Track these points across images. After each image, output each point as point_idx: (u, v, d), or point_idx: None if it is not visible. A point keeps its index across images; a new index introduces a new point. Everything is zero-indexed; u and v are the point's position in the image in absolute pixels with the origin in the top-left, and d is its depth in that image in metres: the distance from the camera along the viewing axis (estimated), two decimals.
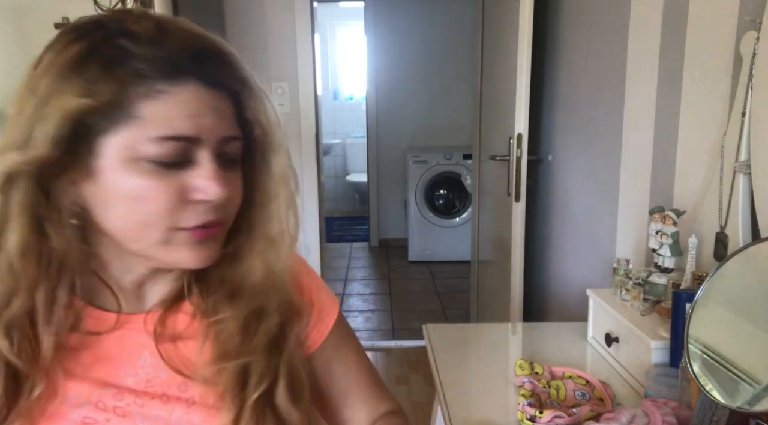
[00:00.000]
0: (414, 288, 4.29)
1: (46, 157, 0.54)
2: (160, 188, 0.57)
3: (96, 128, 0.56)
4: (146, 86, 0.56)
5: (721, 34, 1.29)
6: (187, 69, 0.57)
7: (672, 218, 1.27)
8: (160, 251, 0.60)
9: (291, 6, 2.81)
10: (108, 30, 0.57)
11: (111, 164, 0.56)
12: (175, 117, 0.56)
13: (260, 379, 0.64)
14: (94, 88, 0.54)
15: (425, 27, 4.82)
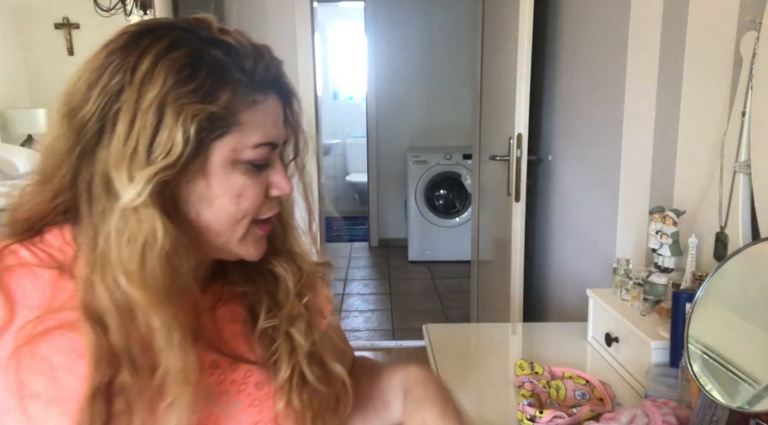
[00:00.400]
0: (414, 288, 4.29)
1: (180, 160, 0.57)
2: (255, 186, 0.64)
3: (210, 132, 0.59)
4: (247, 96, 0.61)
5: (721, 34, 1.29)
6: (272, 82, 0.64)
7: (672, 218, 1.27)
8: (236, 244, 0.66)
9: (291, 6, 2.81)
10: (201, 38, 0.60)
11: (219, 165, 0.61)
12: (266, 125, 0.63)
13: (305, 336, 0.71)
14: (212, 95, 0.58)
15: (425, 27, 4.82)
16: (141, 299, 0.57)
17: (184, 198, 0.61)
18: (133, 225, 0.57)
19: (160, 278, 0.58)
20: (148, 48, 0.58)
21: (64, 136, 0.60)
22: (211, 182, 0.61)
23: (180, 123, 0.57)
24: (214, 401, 0.67)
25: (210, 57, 0.59)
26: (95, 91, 0.58)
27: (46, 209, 0.63)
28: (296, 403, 0.69)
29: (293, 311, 0.71)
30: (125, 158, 0.56)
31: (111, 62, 0.59)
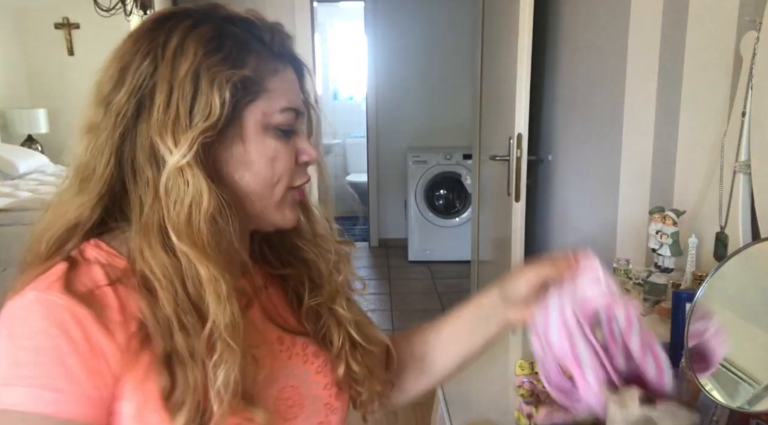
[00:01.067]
0: (414, 288, 4.29)
1: (218, 121, 0.60)
2: (287, 150, 0.67)
3: (242, 97, 0.63)
4: (269, 63, 0.65)
5: (721, 34, 1.29)
6: (287, 53, 0.68)
7: (672, 218, 1.27)
8: (275, 209, 0.69)
9: (291, 6, 2.81)
10: (221, 16, 0.65)
11: (253, 129, 0.65)
12: (289, 91, 0.67)
13: (348, 309, 0.76)
14: (240, 62, 0.62)
15: (425, 27, 4.82)
16: (190, 252, 0.59)
17: (225, 163, 0.64)
18: (180, 187, 0.60)
19: (207, 238, 0.60)
20: (174, 28, 0.62)
21: (102, 123, 0.62)
22: (247, 147, 0.65)
23: (215, 88, 0.60)
24: (289, 372, 0.71)
25: (231, 31, 0.64)
26: (129, 74, 0.61)
27: (85, 215, 0.63)
28: (354, 366, 0.75)
29: (332, 290, 0.76)
30: (168, 125, 0.60)
31: (140, 46, 0.62)
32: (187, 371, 0.58)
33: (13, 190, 3.69)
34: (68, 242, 0.63)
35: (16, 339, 0.55)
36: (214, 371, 0.58)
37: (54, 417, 0.54)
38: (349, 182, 6.14)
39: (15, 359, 0.55)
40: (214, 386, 0.57)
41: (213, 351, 0.58)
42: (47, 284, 0.58)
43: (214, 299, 0.59)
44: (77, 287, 0.58)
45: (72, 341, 0.55)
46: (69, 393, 0.55)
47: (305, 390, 0.72)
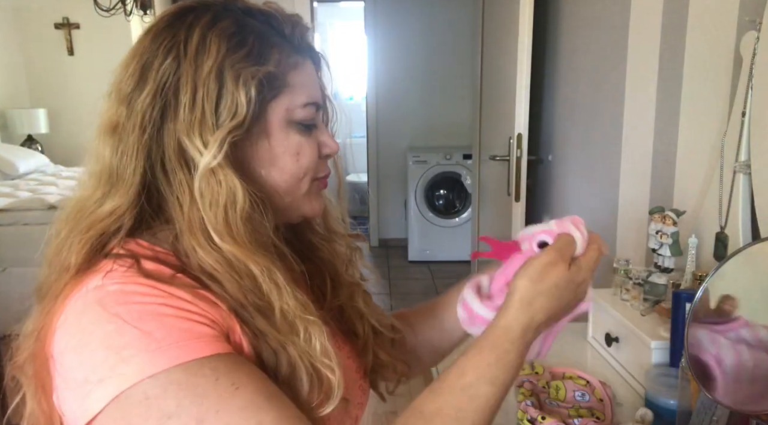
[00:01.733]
0: (414, 288, 4.29)
1: (245, 119, 0.60)
2: (310, 144, 0.67)
3: (266, 93, 0.62)
4: (290, 57, 0.65)
5: (721, 34, 1.29)
6: (306, 46, 0.68)
7: (672, 218, 1.27)
8: (303, 201, 0.69)
9: (291, 6, 2.81)
10: (240, 9, 0.64)
11: (277, 125, 0.64)
12: (310, 86, 0.67)
13: (365, 296, 0.80)
14: (263, 57, 0.62)
15: (425, 27, 4.82)
16: (235, 251, 0.59)
17: (252, 160, 0.64)
18: (214, 188, 0.59)
19: (247, 235, 0.60)
20: (194, 23, 0.61)
21: (128, 124, 0.61)
22: (272, 143, 0.65)
23: (241, 85, 0.60)
24: None
25: (252, 25, 0.63)
26: (151, 72, 0.60)
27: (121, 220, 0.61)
28: (380, 354, 0.78)
29: (350, 288, 0.78)
30: (195, 125, 0.59)
31: (161, 43, 0.61)
32: (285, 348, 0.59)
33: (13, 190, 3.69)
34: (106, 247, 0.61)
35: (125, 319, 0.53)
36: (308, 345, 0.59)
37: (210, 356, 0.53)
38: (349, 182, 6.14)
39: (140, 331, 0.52)
40: (317, 358, 0.59)
41: (296, 330, 0.60)
42: (122, 274, 0.56)
43: (272, 287, 0.59)
44: (156, 275, 0.57)
45: (178, 306, 0.55)
46: (207, 336, 0.54)
47: (346, 375, 0.72)
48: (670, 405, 1.03)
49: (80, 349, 0.54)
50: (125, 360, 0.51)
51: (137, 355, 0.51)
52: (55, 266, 0.62)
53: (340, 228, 0.80)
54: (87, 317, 0.54)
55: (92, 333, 0.53)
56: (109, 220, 0.61)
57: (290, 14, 0.68)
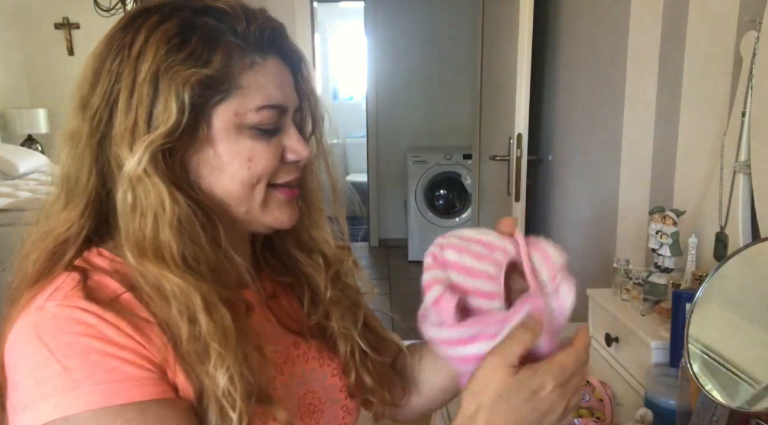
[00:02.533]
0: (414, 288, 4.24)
1: (177, 127, 0.57)
2: (267, 151, 0.62)
3: (209, 97, 0.59)
4: (244, 58, 0.60)
5: (721, 34, 1.29)
6: (269, 43, 0.63)
7: (672, 218, 1.27)
8: (262, 211, 0.65)
9: (291, 6, 2.81)
10: (191, 8, 0.60)
11: (223, 131, 0.60)
12: (269, 87, 0.62)
13: (356, 314, 0.74)
14: (204, 59, 0.58)
15: (425, 27, 4.81)
16: (151, 267, 0.56)
17: (198, 167, 0.61)
18: (141, 197, 0.57)
19: (176, 249, 0.57)
20: (142, 25, 0.58)
21: (80, 129, 0.59)
22: (218, 149, 0.61)
23: (173, 91, 0.56)
24: (308, 377, 0.70)
25: (201, 24, 0.59)
26: (102, 77, 0.59)
27: (75, 229, 0.60)
28: (365, 377, 0.73)
29: (333, 300, 0.73)
30: (127, 131, 0.57)
31: (112, 45, 0.59)
32: (199, 374, 0.56)
33: (13, 190, 3.69)
34: (63, 257, 0.60)
35: (53, 351, 0.52)
36: (214, 376, 0.55)
37: (127, 404, 0.52)
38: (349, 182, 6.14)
39: (62, 367, 0.52)
40: (219, 390, 0.55)
41: (208, 357, 0.56)
42: (65, 295, 0.55)
43: (182, 310, 0.56)
44: (99, 296, 0.56)
45: (111, 340, 0.53)
46: (131, 378, 0.53)
47: (324, 395, 0.71)
48: (670, 405, 1.03)
49: (14, 371, 0.54)
50: (44, 396, 0.51)
51: (54, 394, 0.51)
52: (19, 272, 0.61)
53: (325, 240, 0.75)
54: (24, 340, 0.54)
55: (24, 358, 0.53)
56: (63, 227, 0.60)
57: (250, 8, 0.63)
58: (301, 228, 0.73)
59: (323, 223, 0.75)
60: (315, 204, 0.74)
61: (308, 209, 0.73)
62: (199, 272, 0.58)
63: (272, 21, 0.64)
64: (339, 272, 0.75)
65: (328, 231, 0.75)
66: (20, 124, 4.67)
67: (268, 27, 0.63)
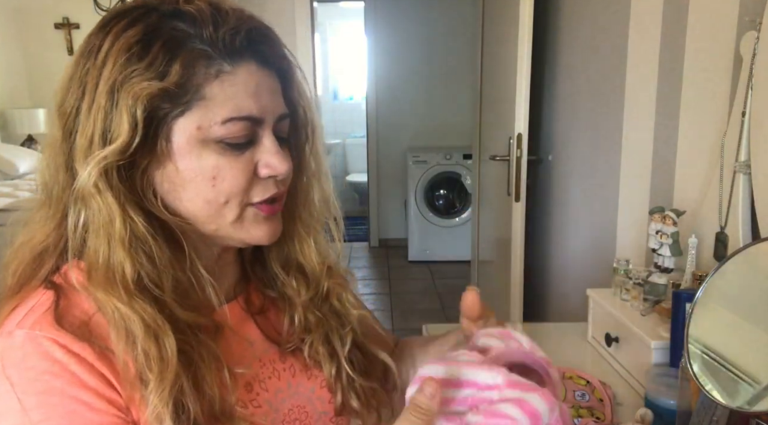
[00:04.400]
0: (414, 288, 4.29)
1: (129, 143, 0.53)
2: (235, 167, 0.58)
3: (168, 111, 0.55)
4: (210, 66, 0.56)
5: (721, 34, 1.29)
6: (243, 48, 0.57)
7: (672, 218, 1.27)
8: (234, 230, 0.60)
9: (291, 6, 2.81)
10: (161, 12, 0.56)
11: (185, 146, 0.56)
12: (239, 97, 0.57)
13: (343, 335, 0.70)
14: (163, 70, 0.54)
15: (425, 27, 4.82)
16: (95, 289, 0.54)
17: (160, 184, 0.57)
18: (95, 215, 0.54)
19: (129, 271, 0.54)
20: (111, 30, 0.55)
21: (56, 136, 0.57)
22: (179, 165, 0.56)
23: (127, 104, 0.53)
24: (294, 391, 0.68)
25: (167, 30, 0.55)
26: (73, 83, 0.56)
27: (52, 239, 0.58)
28: (352, 400, 0.70)
29: (315, 322, 0.69)
30: (85, 144, 0.54)
31: (84, 51, 0.56)
32: (129, 409, 0.54)
33: (13, 190, 3.69)
34: (41, 268, 0.58)
35: (14, 385, 0.51)
36: (145, 403, 0.52)
37: None
38: (349, 182, 6.14)
39: (21, 406, 0.50)
40: (151, 419, 0.52)
41: (145, 384, 0.53)
42: (35, 320, 0.53)
43: (121, 336, 0.53)
44: (69, 320, 0.54)
45: (75, 376, 0.52)
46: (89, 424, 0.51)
47: (311, 408, 0.69)
48: (670, 405, 1.03)
49: None
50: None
51: None
52: (2, 280, 0.59)
53: (308, 260, 0.70)
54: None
55: None
56: (41, 238, 0.58)
57: (223, 11, 0.57)
58: (285, 244, 0.68)
59: (311, 241, 0.70)
60: (303, 219, 0.69)
61: (293, 223, 0.68)
62: (156, 295, 0.55)
63: (249, 23, 0.58)
64: (327, 292, 0.70)
65: (317, 249, 0.70)
66: (20, 124, 4.67)
67: (242, 31, 0.57)
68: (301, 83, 0.65)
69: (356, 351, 0.72)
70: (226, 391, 0.57)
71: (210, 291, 0.61)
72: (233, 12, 0.58)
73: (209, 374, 0.56)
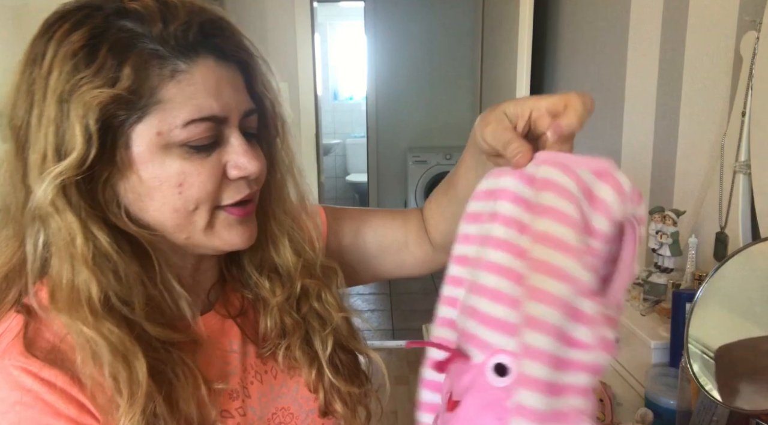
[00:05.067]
0: (414, 288, 4.29)
1: (86, 156, 0.50)
2: (201, 171, 0.54)
3: (125, 118, 0.52)
4: (164, 67, 0.52)
5: (721, 34, 1.29)
6: (198, 44, 0.54)
7: (672, 218, 1.27)
8: (206, 238, 0.57)
9: (291, 6, 2.81)
10: (105, 12, 0.52)
11: (146, 153, 0.53)
12: (198, 97, 0.53)
13: (324, 337, 0.67)
14: (113, 76, 0.50)
15: (425, 27, 4.82)
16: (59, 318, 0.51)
17: (123, 196, 0.54)
18: (54, 234, 0.51)
19: (96, 292, 0.51)
20: (54, 35, 0.51)
21: (9, 149, 0.53)
22: (142, 174, 0.53)
23: (78, 116, 0.49)
24: (278, 393, 0.67)
25: (113, 32, 0.51)
26: (21, 93, 0.52)
27: (17, 258, 0.55)
28: (336, 405, 0.68)
29: (293, 325, 0.66)
30: (38, 161, 0.51)
31: (29, 57, 0.53)
32: None
33: None
34: (10, 291, 0.55)
35: None
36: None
37: None
38: (349, 182, 6.14)
39: None
40: None
41: (116, 408, 0.51)
42: (4, 349, 0.51)
43: (87, 358, 0.51)
44: (40, 344, 0.51)
45: (49, 405, 0.50)
46: None
47: (297, 408, 0.68)
48: (670, 405, 1.03)
49: None
50: None
51: None
52: None
53: (284, 260, 0.66)
54: None
55: None
56: (6, 258, 0.55)
57: (171, 5, 0.53)
58: (258, 244, 0.64)
59: (285, 239, 0.66)
60: (278, 217, 0.66)
61: (267, 222, 0.65)
62: (125, 314, 0.52)
63: (201, 16, 0.54)
64: (306, 292, 0.67)
65: (292, 247, 0.67)
66: None
67: (194, 24, 0.53)
68: (265, 75, 0.61)
69: (341, 353, 0.69)
70: (205, 407, 0.55)
71: (184, 306, 0.58)
72: (183, 5, 0.54)
73: (186, 391, 0.54)
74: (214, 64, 0.54)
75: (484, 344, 0.43)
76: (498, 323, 0.42)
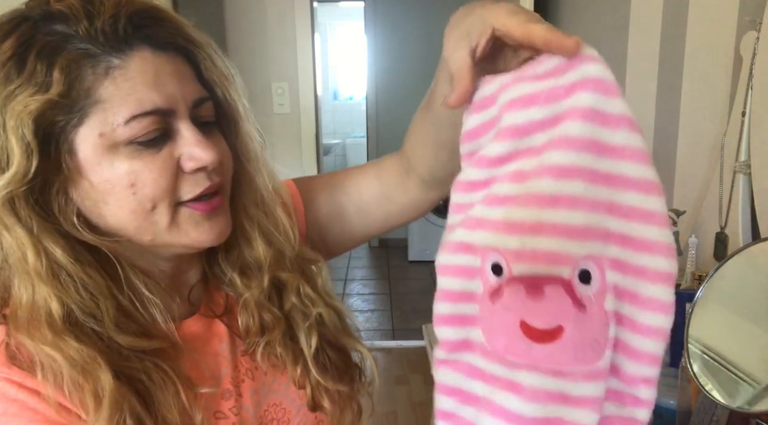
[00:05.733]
0: (414, 288, 4.29)
1: (27, 168, 0.48)
2: (152, 168, 0.52)
3: (64, 123, 0.50)
4: (96, 65, 0.50)
5: (721, 34, 1.29)
6: (129, 36, 0.51)
7: (672, 218, 1.27)
8: (172, 235, 0.55)
9: (291, 6, 2.81)
10: (32, 19, 0.50)
11: (93, 157, 0.51)
12: (137, 91, 0.51)
13: (308, 330, 0.65)
14: (44, 81, 0.48)
15: (425, 27, 4.82)
16: (16, 335, 0.50)
17: (80, 204, 0.53)
18: (7, 250, 0.50)
19: (57, 307, 0.50)
20: None
21: None
22: (93, 179, 0.51)
23: (13, 126, 0.48)
24: (269, 389, 0.67)
25: (41, 37, 0.49)
26: None
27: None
28: (324, 402, 0.66)
29: (272, 322, 0.64)
30: None
31: None
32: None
33: None
34: None
35: None
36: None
37: None
38: None
39: None
40: None
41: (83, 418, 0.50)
42: None
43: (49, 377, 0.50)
44: (23, 353, 0.51)
45: (37, 412, 0.49)
46: None
47: (289, 404, 0.67)
48: (670, 405, 1.03)
49: None
50: None
51: None
52: None
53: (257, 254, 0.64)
54: None
55: None
56: None
57: (95, 0, 0.51)
58: (229, 239, 0.61)
59: (256, 233, 0.64)
60: (248, 210, 0.63)
61: (236, 215, 0.62)
62: (91, 326, 0.51)
63: (129, 7, 0.52)
64: (283, 286, 0.65)
65: (264, 240, 0.64)
66: None
67: (121, 17, 0.51)
68: (215, 62, 0.58)
69: (329, 350, 0.67)
70: (189, 413, 0.54)
71: (154, 312, 0.56)
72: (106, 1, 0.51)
73: (165, 397, 0.53)
74: (150, 55, 0.52)
75: (565, 257, 0.40)
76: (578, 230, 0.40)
